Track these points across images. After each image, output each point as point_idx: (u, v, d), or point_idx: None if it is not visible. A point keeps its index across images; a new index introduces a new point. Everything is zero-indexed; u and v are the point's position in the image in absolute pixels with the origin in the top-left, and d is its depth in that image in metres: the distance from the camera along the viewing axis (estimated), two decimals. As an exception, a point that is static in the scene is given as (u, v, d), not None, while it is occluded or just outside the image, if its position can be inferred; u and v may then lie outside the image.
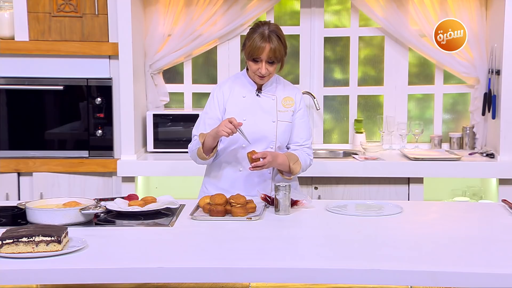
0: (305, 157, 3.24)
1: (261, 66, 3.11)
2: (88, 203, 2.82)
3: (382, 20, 4.55)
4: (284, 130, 3.23)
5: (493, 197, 4.28)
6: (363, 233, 2.62)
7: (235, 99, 3.23)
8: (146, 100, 4.59)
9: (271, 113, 3.22)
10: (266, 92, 3.24)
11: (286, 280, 2.22)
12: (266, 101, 3.23)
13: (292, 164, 3.15)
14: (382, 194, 4.20)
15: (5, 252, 2.27)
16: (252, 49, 3.09)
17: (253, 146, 3.15)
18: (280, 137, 3.23)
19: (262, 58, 3.10)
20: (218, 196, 2.88)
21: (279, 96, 3.25)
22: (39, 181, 4.30)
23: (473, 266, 2.21)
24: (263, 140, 3.21)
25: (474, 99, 4.58)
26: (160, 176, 4.35)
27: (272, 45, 3.07)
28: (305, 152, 3.26)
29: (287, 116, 3.24)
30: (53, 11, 4.24)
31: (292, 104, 3.25)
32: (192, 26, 4.55)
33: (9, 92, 4.31)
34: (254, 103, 3.23)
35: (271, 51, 3.08)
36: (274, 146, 3.22)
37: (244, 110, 3.21)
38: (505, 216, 2.89)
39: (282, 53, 3.12)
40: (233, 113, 3.18)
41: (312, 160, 3.30)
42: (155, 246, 2.47)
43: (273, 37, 3.08)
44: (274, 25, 3.15)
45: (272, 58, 3.10)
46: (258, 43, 3.07)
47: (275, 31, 3.11)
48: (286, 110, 3.24)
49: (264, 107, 3.22)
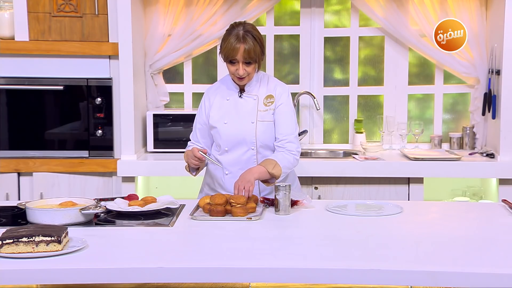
0: (285, 157, 3.15)
1: (238, 67, 3.10)
2: (85, 203, 2.83)
3: (382, 20, 4.55)
4: (264, 130, 3.20)
5: (493, 197, 4.28)
6: (363, 233, 2.62)
7: (219, 103, 3.24)
8: (146, 100, 4.60)
9: (251, 114, 3.20)
10: (248, 93, 3.23)
11: (286, 280, 2.22)
12: (248, 101, 3.22)
13: (271, 169, 3.06)
14: (382, 194, 4.20)
15: (5, 252, 2.28)
16: (228, 51, 3.09)
17: (234, 149, 3.18)
18: (261, 138, 3.20)
19: (238, 59, 3.08)
20: (218, 196, 2.89)
21: (260, 95, 3.22)
22: (39, 181, 4.30)
23: (473, 266, 2.21)
24: (243, 142, 3.20)
25: (474, 99, 4.58)
26: (160, 176, 4.35)
27: (247, 45, 3.06)
28: (285, 149, 3.16)
29: (267, 115, 3.20)
30: (53, 11, 4.24)
31: (272, 101, 3.22)
32: (192, 26, 4.55)
33: (9, 92, 4.31)
34: (236, 105, 3.22)
35: (245, 52, 3.06)
36: (256, 147, 3.20)
37: (225, 113, 3.22)
38: (505, 216, 2.89)
39: (257, 53, 3.09)
40: (215, 117, 3.22)
41: (296, 155, 3.19)
42: (155, 246, 2.47)
43: (247, 37, 3.06)
44: (250, 25, 3.13)
45: (248, 58, 3.08)
46: (233, 44, 3.06)
47: (250, 31, 3.09)
48: (267, 109, 3.21)
49: (245, 108, 3.21)
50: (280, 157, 3.14)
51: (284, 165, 3.11)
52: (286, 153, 3.17)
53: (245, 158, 3.19)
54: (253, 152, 3.20)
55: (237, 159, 3.19)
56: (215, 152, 3.28)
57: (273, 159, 3.12)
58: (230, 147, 3.20)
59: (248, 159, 3.19)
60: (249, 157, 3.19)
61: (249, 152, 3.20)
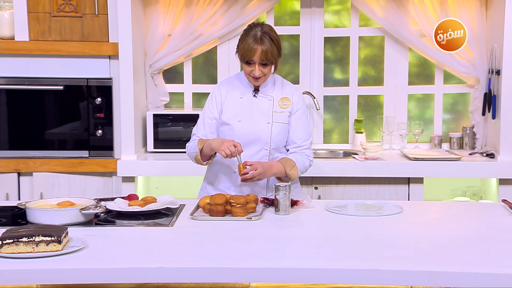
0: (303, 160, 3.22)
1: (255, 68, 3.10)
2: (84, 203, 2.83)
3: (382, 20, 4.55)
4: (279, 131, 3.21)
5: (493, 197, 4.28)
6: (363, 233, 2.62)
7: (232, 100, 3.23)
8: (146, 100, 4.60)
9: (266, 114, 3.21)
10: (262, 93, 3.24)
11: (286, 280, 2.22)
12: (263, 102, 3.22)
13: (289, 170, 3.12)
14: (382, 194, 4.20)
15: (5, 252, 2.28)
16: (245, 52, 3.09)
17: (245, 147, 3.13)
18: (275, 139, 3.21)
19: (254, 60, 3.09)
20: (218, 196, 2.89)
21: (276, 97, 3.23)
22: (39, 181, 4.30)
23: (473, 266, 2.21)
24: (257, 141, 3.20)
25: (474, 99, 4.58)
26: (160, 176, 4.35)
27: (264, 47, 3.06)
28: (303, 153, 3.23)
29: (283, 117, 3.22)
30: (53, 11, 4.24)
31: (289, 104, 3.23)
32: (192, 26, 4.55)
33: (9, 92, 4.31)
34: (250, 104, 3.22)
35: (263, 53, 3.07)
36: (269, 148, 3.21)
37: (239, 111, 3.21)
38: (505, 216, 2.89)
39: (274, 55, 3.11)
40: (228, 113, 3.20)
41: (312, 161, 3.28)
42: (155, 246, 2.47)
43: (265, 39, 3.07)
44: (268, 27, 3.14)
45: (265, 60, 3.08)
46: (250, 45, 3.07)
47: (268, 33, 3.10)
48: (283, 111, 3.22)
49: (260, 108, 3.21)
50: (299, 160, 3.19)
51: (300, 168, 3.18)
52: (304, 157, 3.22)
53: (257, 158, 3.18)
54: (266, 152, 3.20)
55: (248, 158, 3.16)
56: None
57: (292, 160, 3.16)
58: (243, 145, 3.17)
59: (260, 159, 3.19)
60: (261, 157, 3.19)
61: (261, 152, 3.20)
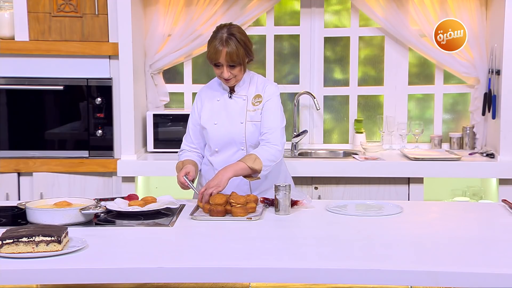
0: (266, 150, 3.10)
1: (223, 70, 3.10)
2: (81, 203, 2.83)
3: (382, 20, 4.55)
4: (253, 130, 3.19)
5: (493, 197, 4.28)
6: (363, 233, 2.62)
7: (210, 103, 3.24)
8: (146, 100, 4.60)
9: (240, 114, 3.20)
10: (237, 93, 3.23)
11: (286, 280, 2.22)
12: (237, 102, 3.22)
13: (251, 163, 3.03)
14: (382, 194, 4.20)
15: (5, 252, 2.28)
16: (211, 55, 3.09)
17: (224, 149, 3.19)
18: (250, 138, 3.20)
19: (221, 63, 3.08)
20: (218, 196, 2.89)
21: (250, 95, 3.22)
22: (39, 181, 4.30)
23: (473, 266, 2.21)
24: (233, 143, 3.20)
25: (474, 99, 4.58)
26: (160, 176, 4.35)
27: (229, 49, 3.04)
28: (268, 142, 3.12)
29: (256, 115, 3.19)
30: (53, 11, 4.24)
31: (260, 101, 3.20)
32: (192, 26, 4.55)
33: (9, 92, 4.30)
34: (226, 105, 3.22)
35: (227, 55, 3.05)
36: (245, 148, 3.20)
37: (215, 114, 3.22)
38: (505, 216, 2.89)
39: (241, 56, 3.07)
40: (205, 117, 3.22)
41: (278, 147, 3.13)
42: (155, 246, 2.47)
43: (230, 41, 3.05)
44: (235, 28, 3.11)
45: (231, 62, 3.07)
46: (215, 48, 3.06)
47: (234, 34, 3.07)
48: (255, 109, 3.20)
49: (235, 109, 3.21)
50: (261, 151, 3.10)
51: (265, 157, 3.07)
52: (268, 146, 3.13)
53: (235, 159, 3.16)
54: (243, 152, 3.20)
55: (227, 159, 3.18)
56: (207, 152, 3.29)
57: (253, 153, 3.09)
58: (220, 148, 3.21)
59: (238, 159, 3.18)
60: (239, 157, 3.16)
61: (239, 152, 3.20)
